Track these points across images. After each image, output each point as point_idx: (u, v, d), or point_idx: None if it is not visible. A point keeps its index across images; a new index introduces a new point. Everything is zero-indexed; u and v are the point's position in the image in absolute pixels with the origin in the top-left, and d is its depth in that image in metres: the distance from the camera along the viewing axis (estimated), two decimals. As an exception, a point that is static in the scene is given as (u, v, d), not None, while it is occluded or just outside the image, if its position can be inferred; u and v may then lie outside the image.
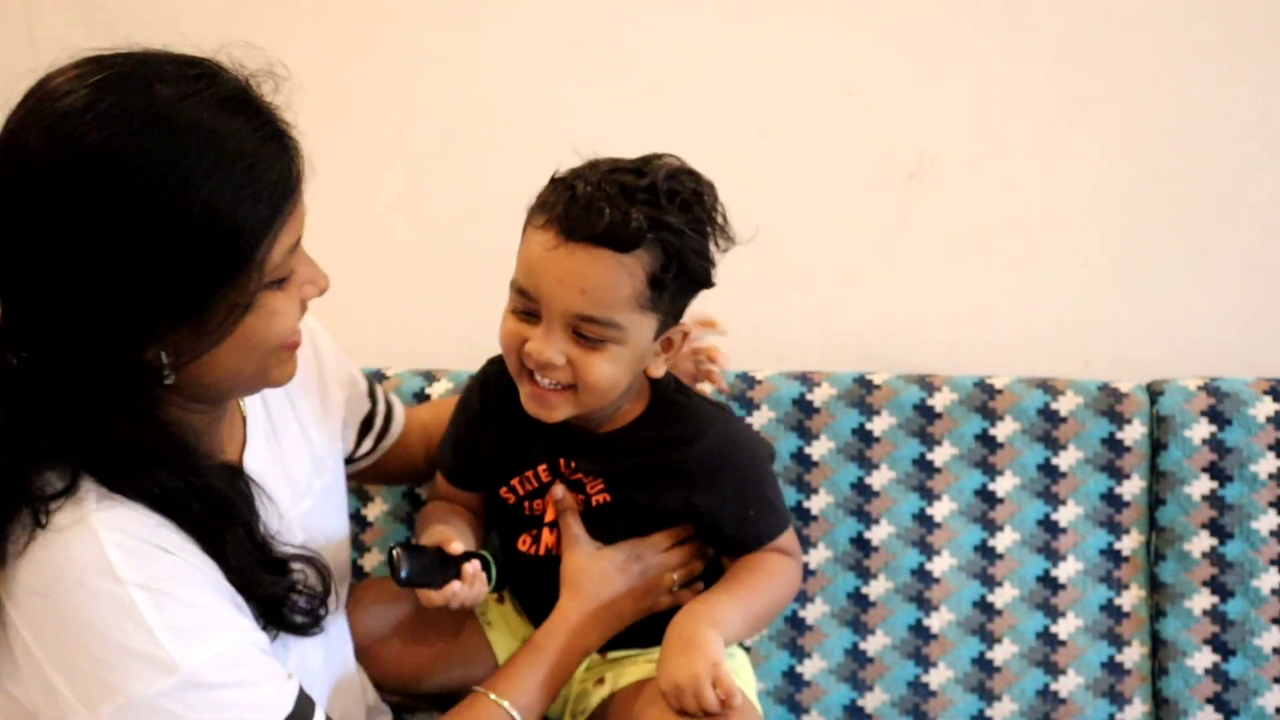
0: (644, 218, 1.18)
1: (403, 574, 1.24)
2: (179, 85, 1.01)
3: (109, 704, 1.00)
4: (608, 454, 1.33)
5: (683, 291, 1.25)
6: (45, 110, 0.99)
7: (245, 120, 1.03)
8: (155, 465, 1.06)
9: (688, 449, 1.31)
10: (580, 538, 1.34)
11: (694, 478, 1.32)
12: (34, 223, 0.99)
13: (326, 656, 1.28)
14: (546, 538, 1.36)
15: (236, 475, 1.14)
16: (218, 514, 1.09)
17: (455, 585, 1.26)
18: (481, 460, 1.39)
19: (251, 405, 1.26)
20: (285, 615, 1.14)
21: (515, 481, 1.37)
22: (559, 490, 1.34)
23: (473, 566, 1.28)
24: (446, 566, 1.27)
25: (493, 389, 1.38)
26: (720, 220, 1.26)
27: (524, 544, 1.37)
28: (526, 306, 1.23)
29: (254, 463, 1.22)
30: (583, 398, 1.25)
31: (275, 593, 1.13)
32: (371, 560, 1.68)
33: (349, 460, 1.45)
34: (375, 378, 1.57)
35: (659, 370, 1.30)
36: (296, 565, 1.17)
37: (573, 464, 1.34)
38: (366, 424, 1.47)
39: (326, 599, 1.19)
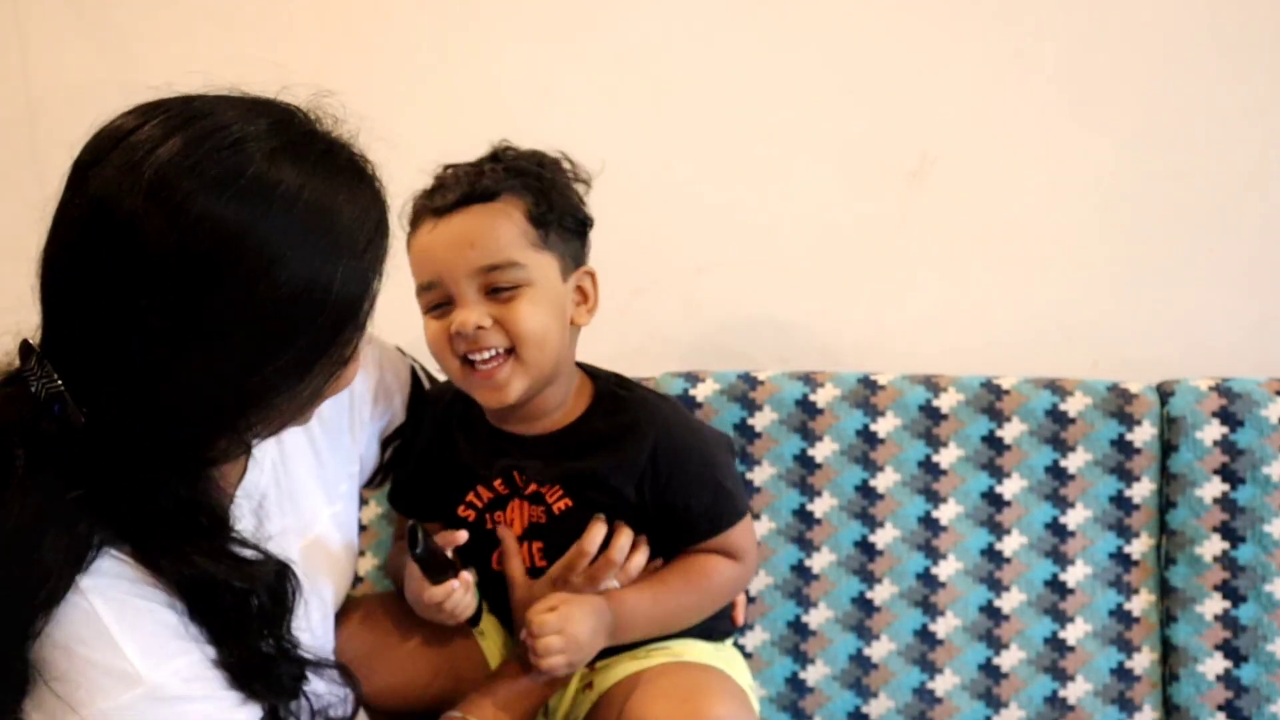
0: (496, 170, 1.30)
1: (418, 550, 1.24)
2: (291, 155, 0.99)
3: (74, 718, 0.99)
4: (557, 454, 1.35)
5: (567, 229, 1.32)
6: (140, 170, 0.95)
7: (364, 192, 1.03)
8: (200, 550, 1.03)
9: (638, 440, 1.33)
10: (515, 580, 1.36)
11: (646, 469, 1.33)
12: (143, 293, 0.95)
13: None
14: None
15: (283, 576, 1.10)
16: (241, 614, 1.06)
17: (454, 584, 1.28)
18: (435, 486, 1.40)
19: None
20: (279, 715, 1.10)
21: (471, 497, 1.37)
22: (507, 539, 1.36)
23: (470, 574, 1.30)
24: (446, 566, 1.28)
25: (430, 417, 1.42)
26: (568, 162, 1.36)
27: (496, 561, 1.38)
28: (436, 299, 1.30)
29: (255, 489, 1.19)
30: (525, 354, 1.29)
31: (279, 699, 1.09)
32: (365, 564, 1.65)
33: (383, 467, 1.43)
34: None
35: (583, 319, 1.35)
36: (327, 675, 1.15)
37: (524, 476, 1.35)
38: (397, 435, 1.44)
39: (346, 718, 1.16)
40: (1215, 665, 1.55)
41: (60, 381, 0.97)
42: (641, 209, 1.75)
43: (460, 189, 1.29)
